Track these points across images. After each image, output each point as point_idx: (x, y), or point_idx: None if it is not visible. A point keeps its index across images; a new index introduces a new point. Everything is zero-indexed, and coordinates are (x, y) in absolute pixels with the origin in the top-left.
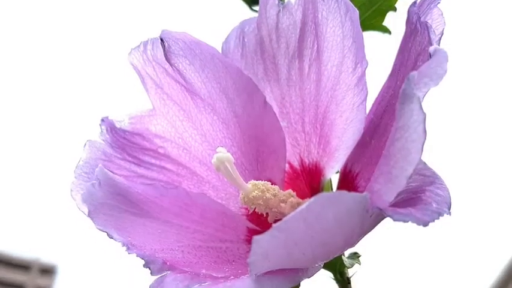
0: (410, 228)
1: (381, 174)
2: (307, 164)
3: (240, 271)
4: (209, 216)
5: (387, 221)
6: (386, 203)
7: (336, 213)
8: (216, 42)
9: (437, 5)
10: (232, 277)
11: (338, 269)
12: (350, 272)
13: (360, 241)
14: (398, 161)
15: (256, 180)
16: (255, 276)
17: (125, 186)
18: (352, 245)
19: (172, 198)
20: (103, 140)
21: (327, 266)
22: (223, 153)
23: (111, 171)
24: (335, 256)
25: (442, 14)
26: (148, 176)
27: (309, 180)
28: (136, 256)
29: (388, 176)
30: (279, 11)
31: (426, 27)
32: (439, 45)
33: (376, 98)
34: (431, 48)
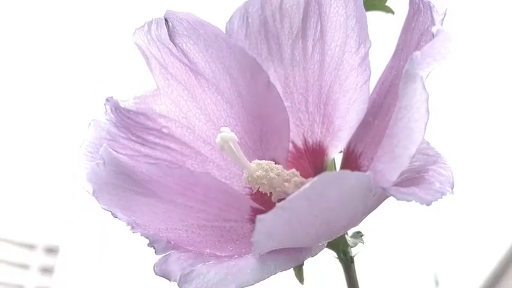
0: (413, 207)
1: (384, 153)
2: (310, 143)
3: (243, 250)
4: (213, 195)
5: (390, 200)
6: (390, 183)
7: (340, 192)
8: (220, 23)
9: None
10: (236, 256)
11: (341, 248)
12: (353, 251)
13: (363, 220)
14: (401, 140)
15: (260, 159)
16: (258, 255)
17: (129, 166)
18: (356, 224)
19: (177, 178)
20: (107, 120)
21: (330, 245)
22: (227, 132)
23: (116, 151)
24: (338, 235)
25: None
26: (153, 155)
27: (312, 160)
28: (141, 235)
29: (391, 155)
30: None
31: (429, 7)
32: (442, 25)
33: (380, 78)
34: (434, 28)
